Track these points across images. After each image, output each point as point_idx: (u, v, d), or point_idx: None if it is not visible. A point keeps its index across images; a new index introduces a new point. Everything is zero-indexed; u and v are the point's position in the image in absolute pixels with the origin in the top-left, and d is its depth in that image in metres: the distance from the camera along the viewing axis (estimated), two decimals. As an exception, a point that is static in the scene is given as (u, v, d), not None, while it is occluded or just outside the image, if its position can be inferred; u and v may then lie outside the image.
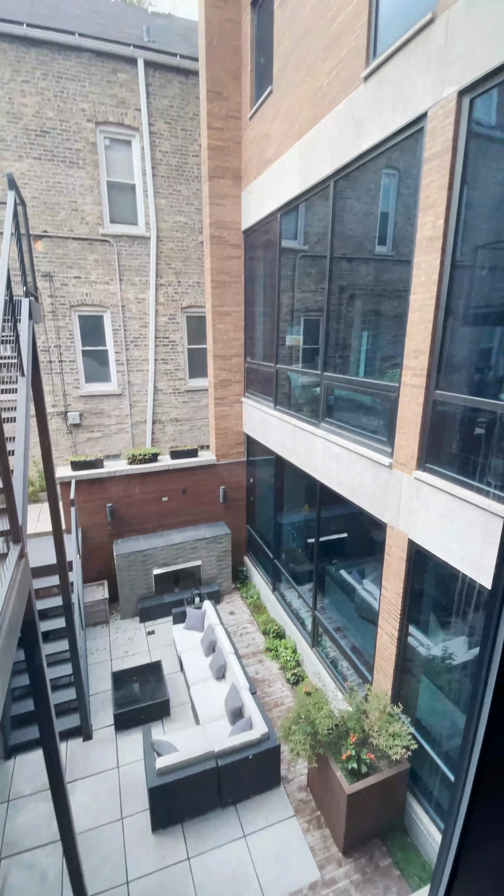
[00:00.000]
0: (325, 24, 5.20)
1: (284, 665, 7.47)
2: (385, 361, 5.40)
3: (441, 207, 3.79)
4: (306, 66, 5.71)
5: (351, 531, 7.02)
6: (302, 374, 7.26)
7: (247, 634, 8.38)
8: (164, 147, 10.04)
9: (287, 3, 6.05)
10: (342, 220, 5.58)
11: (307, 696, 5.36)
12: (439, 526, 4.10)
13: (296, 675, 7.24)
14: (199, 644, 7.33)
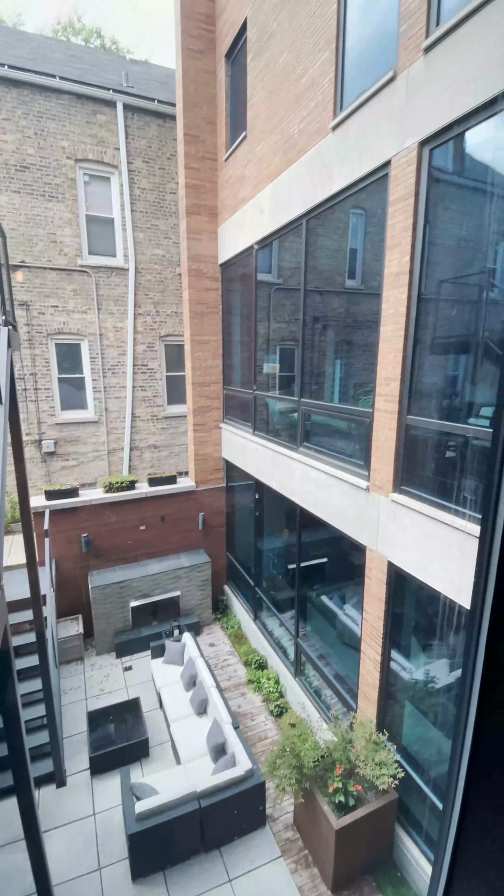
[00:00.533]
0: (295, 78, 5.61)
1: (267, 697, 7.28)
2: (359, 388, 5.60)
3: (406, 246, 4.06)
4: (278, 116, 6.11)
5: (331, 556, 7.06)
6: (280, 400, 7.41)
7: (228, 666, 8.16)
8: (143, 184, 10.38)
9: (259, 58, 6.51)
10: (314, 256, 5.87)
11: (291, 727, 5.23)
12: (417, 547, 4.19)
13: (279, 707, 7.06)
14: (179, 678, 7.09)
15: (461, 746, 0.77)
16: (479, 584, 0.72)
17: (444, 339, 4.25)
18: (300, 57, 5.45)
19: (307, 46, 5.29)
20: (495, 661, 0.70)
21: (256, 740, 6.46)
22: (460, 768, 0.77)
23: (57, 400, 10.66)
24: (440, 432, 4.07)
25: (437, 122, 3.63)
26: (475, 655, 0.73)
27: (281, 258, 7.01)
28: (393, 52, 4.01)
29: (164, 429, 11.89)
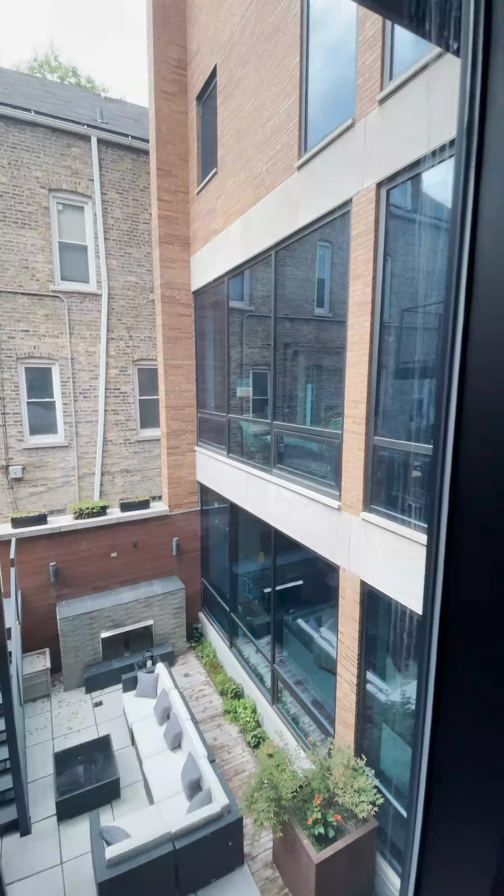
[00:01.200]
0: (262, 121, 5.96)
1: (244, 727, 7.07)
2: (329, 410, 5.77)
3: (368, 277, 4.30)
4: (247, 155, 6.43)
5: (306, 578, 7.06)
6: (253, 422, 7.51)
7: (203, 697, 7.91)
8: (116, 214, 10.60)
9: (228, 102, 6.89)
10: (284, 285, 6.10)
11: (269, 758, 5.09)
12: (387, 565, 4.26)
13: (256, 738, 6.86)
14: (153, 712, 6.81)
15: (419, 757, 0.80)
16: (428, 592, 0.77)
17: (405, 364, 4.47)
18: (266, 102, 5.81)
19: (273, 93, 5.66)
20: (446, 667, 0.74)
21: (233, 774, 6.23)
22: (420, 775, 0.80)
23: (26, 424, 10.43)
24: (405, 452, 4.23)
25: (393, 166, 3.92)
26: (428, 661, 0.77)
27: (252, 287, 7.25)
28: (351, 102, 4.34)
29: (136, 453, 11.77)
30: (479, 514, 0.66)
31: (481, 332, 0.63)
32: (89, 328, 10.69)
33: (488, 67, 0.62)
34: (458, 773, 0.73)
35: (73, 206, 10.32)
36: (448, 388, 0.69)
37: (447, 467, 0.70)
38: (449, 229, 0.67)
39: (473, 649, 0.68)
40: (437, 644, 0.76)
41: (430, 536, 0.76)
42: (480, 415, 0.65)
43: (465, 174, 0.64)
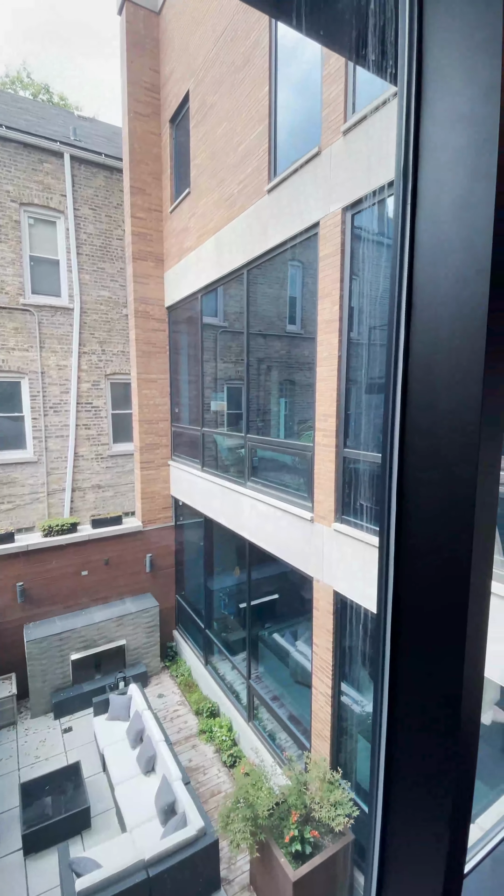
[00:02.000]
0: (233, 146, 6.16)
1: (220, 746, 6.93)
2: (301, 424, 5.89)
3: (336, 296, 4.47)
4: (219, 177, 6.62)
5: (281, 591, 7.08)
6: (227, 436, 7.56)
7: (178, 718, 7.72)
8: (89, 230, 10.62)
9: (201, 126, 7.10)
10: (256, 302, 6.25)
11: (245, 776, 5.02)
12: (359, 574, 4.35)
13: (232, 757, 6.74)
14: (125, 735, 6.60)
15: (378, 756, 0.83)
16: (382, 593, 0.81)
17: (372, 379, 4.65)
18: (238, 128, 6.02)
19: (244, 119, 5.88)
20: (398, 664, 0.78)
21: (209, 795, 6.08)
22: (378, 774, 0.84)
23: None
24: (373, 463, 4.37)
25: (357, 193, 4.14)
26: (382, 664, 0.81)
27: (225, 304, 7.38)
28: (318, 131, 4.57)
29: (109, 468, 11.59)
30: (424, 517, 0.72)
31: (418, 348, 0.71)
32: (60, 342, 10.57)
33: (420, 102, 0.71)
34: (407, 773, 0.78)
35: (45, 220, 10.29)
36: (392, 401, 0.76)
37: (394, 475, 0.77)
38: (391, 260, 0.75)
39: (419, 650, 0.73)
40: (391, 645, 0.80)
41: (382, 539, 0.82)
42: (418, 426, 0.72)
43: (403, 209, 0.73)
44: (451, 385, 0.66)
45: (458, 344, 0.64)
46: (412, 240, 0.72)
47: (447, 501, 0.68)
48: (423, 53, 0.69)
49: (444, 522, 0.68)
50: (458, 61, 0.63)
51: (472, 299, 0.62)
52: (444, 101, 0.66)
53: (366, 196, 4.07)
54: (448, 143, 0.65)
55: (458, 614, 0.66)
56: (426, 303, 0.69)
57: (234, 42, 5.98)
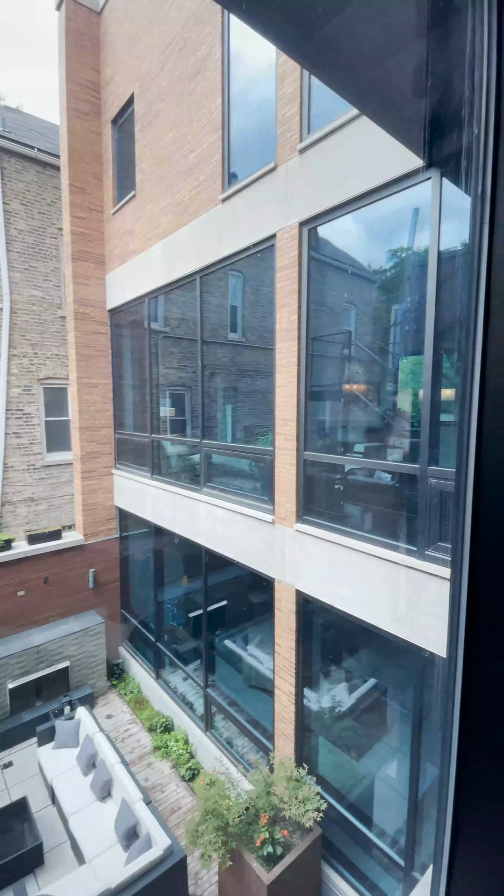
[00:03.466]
0: (184, 154, 6.19)
1: (177, 761, 6.75)
2: (258, 429, 6.01)
3: (294, 306, 4.66)
4: (167, 182, 6.60)
5: (239, 596, 7.10)
6: (181, 442, 7.47)
7: (130, 737, 7.40)
8: (20, 226, 9.97)
9: (147, 131, 7.04)
10: (210, 309, 6.29)
11: (211, 785, 4.95)
12: (322, 572, 4.52)
13: (191, 770, 6.59)
14: (76, 762, 6.19)
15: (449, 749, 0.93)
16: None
17: (329, 386, 4.89)
18: (188, 136, 6.06)
19: (195, 129, 5.93)
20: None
21: (169, 813, 5.89)
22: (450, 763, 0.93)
23: None
24: (332, 464, 4.59)
25: (313, 209, 4.36)
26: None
27: (177, 309, 7.32)
28: (274, 146, 4.75)
29: (42, 479, 10.85)
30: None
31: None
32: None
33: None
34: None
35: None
36: (469, 414, 0.87)
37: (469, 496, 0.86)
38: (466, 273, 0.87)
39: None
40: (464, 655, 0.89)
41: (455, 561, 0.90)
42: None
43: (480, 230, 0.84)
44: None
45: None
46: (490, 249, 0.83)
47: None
48: (501, 100, 0.81)
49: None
50: None
51: None
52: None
53: (322, 213, 4.31)
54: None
55: None
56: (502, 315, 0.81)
57: (183, 52, 6.03)
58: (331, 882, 4.76)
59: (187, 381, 7.45)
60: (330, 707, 5.29)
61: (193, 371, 6.90)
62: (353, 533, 4.24)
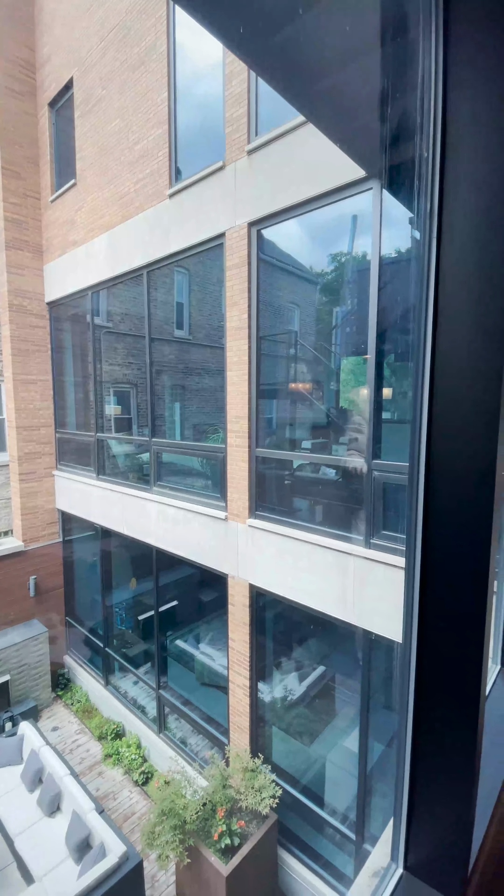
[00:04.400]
0: (128, 145, 6.04)
1: (130, 766, 6.61)
2: (206, 426, 6.03)
3: (244, 305, 4.73)
4: (111, 172, 6.40)
5: (191, 595, 7.07)
6: (129, 441, 7.29)
7: (79, 747, 7.13)
8: None
9: (89, 117, 6.78)
10: (157, 305, 6.20)
11: (166, 785, 4.92)
12: (274, 565, 4.64)
13: (144, 774, 6.49)
14: (20, 780, 5.87)
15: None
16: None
17: (279, 385, 5.02)
18: (134, 126, 5.92)
19: (141, 120, 5.81)
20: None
21: (123, 819, 5.76)
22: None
23: None
24: (283, 460, 4.73)
25: (262, 211, 4.45)
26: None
27: (122, 304, 7.12)
28: (222, 146, 4.78)
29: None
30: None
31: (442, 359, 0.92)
32: None
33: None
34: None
35: None
36: (420, 414, 0.97)
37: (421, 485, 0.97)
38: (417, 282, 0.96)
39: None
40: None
41: (409, 547, 1.01)
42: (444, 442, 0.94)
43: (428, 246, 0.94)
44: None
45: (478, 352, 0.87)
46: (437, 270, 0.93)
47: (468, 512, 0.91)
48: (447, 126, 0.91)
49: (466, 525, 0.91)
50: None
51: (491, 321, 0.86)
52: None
53: (271, 215, 4.41)
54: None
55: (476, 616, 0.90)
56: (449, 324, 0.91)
57: (126, 41, 5.88)
58: (287, 866, 4.92)
59: (133, 379, 7.29)
60: (282, 697, 5.44)
61: (139, 368, 6.79)
62: (304, 526, 4.40)
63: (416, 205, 0.99)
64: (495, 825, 1.30)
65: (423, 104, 0.95)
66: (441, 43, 0.92)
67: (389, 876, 1.14)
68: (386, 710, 4.81)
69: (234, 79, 4.53)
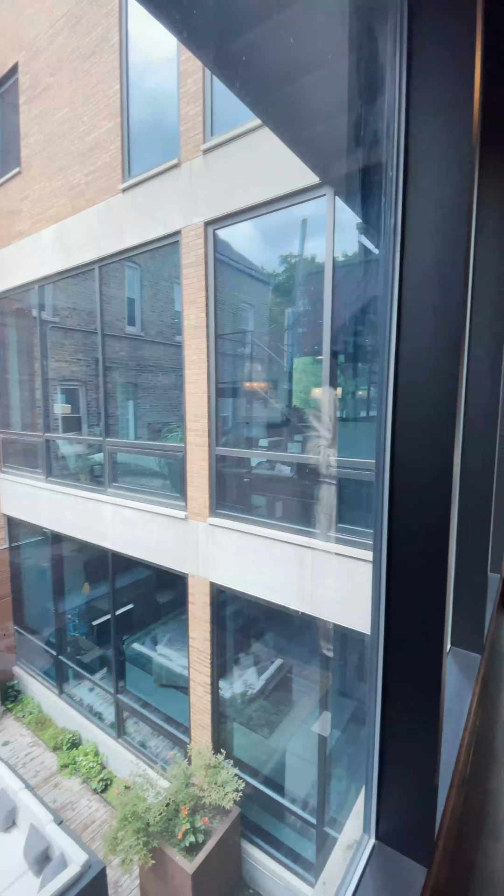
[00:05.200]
0: (78, 135, 5.84)
1: (88, 775, 6.43)
2: (160, 424, 5.99)
3: (201, 303, 4.74)
4: (60, 163, 6.17)
5: (143, 599, 6.98)
6: (81, 441, 7.06)
7: (32, 760, 6.83)
8: None
9: (35, 103, 6.48)
10: (110, 301, 6.05)
11: (126, 790, 4.85)
12: (235, 562, 4.71)
13: (104, 781, 6.33)
14: (-33, 800, 5.53)
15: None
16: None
17: (237, 383, 5.08)
18: (84, 117, 5.74)
19: (91, 110, 5.64)
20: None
21: (83, 828, 5.61)
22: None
23: None
24: (241, 458, 4.80)
25: (218, 211, 4.48)
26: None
27: (71, 299, 6.87)
28: (177, 144, 4.76)
29: None
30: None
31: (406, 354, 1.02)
32: None
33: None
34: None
35: None
36: (385, 409, 1.06)
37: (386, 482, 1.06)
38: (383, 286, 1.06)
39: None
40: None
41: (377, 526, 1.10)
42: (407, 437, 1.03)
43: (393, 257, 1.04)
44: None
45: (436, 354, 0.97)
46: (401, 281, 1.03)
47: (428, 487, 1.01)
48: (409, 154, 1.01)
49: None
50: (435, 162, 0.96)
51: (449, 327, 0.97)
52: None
53: (227, 215, 4.45)
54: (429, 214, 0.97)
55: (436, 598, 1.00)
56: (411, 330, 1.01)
57: (77, 30, 5.68)
58: (251, 857, 5.00)
59: (82, 376, 7.07)
60: (242, 692, 5.52)
61: (89, 365, 6.61)
62: (264, 522, 4.49)
63: (383, 220, 1.08)
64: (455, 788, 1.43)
65: (388, 128, 1.04)
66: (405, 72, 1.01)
67: (363, 847, 1.21)
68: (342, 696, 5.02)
69: (189, 77, 4.53)
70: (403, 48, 0.99)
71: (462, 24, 0.91)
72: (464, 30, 0.91)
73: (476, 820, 1.44)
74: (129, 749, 6.43)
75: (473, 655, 2.08)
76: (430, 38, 0.95)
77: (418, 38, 0.96)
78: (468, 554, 2.08)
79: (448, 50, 0.93)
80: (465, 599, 2.14)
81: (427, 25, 0.95)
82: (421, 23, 0.95)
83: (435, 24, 0.94)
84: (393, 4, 0.99)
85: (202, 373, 4.79)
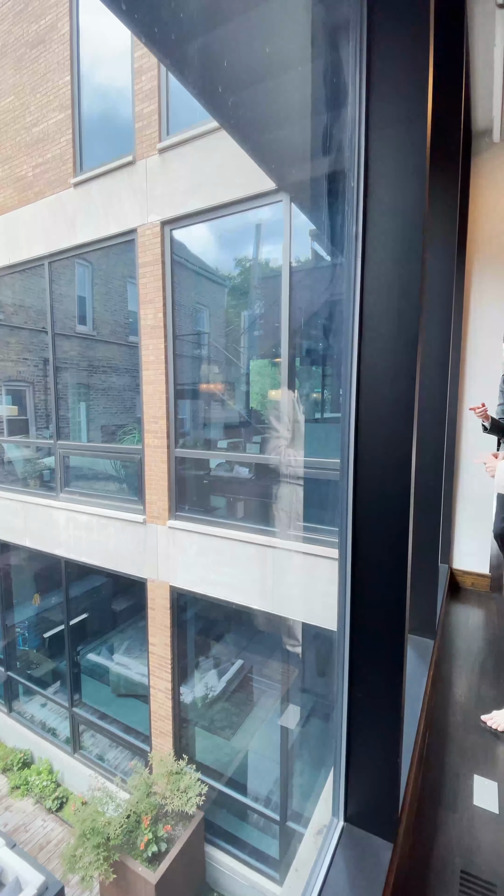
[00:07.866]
0: (27, 124, 5.60)
1: (41, 794, 6.12)
2: (114, 426, 5.85)
3: (159, 303, 4.69)
4: (5, 153, 5.88)
5: (98, 607, 6.77)
6: (27, 444, 6.73)
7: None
8: None
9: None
10: (62, 300, 5.84)
11: (84, 806, 4.68)
12: (196, 563, 4.68)
13: (59, 800, 6.05)
14: None
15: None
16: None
17: (194, 385, 5.06)
18: (32, 107, 5.51)
19: (39, 101, 5.42)
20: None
21: (39, 849, 5.33)
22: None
23: None
24: (201, 459, 4.79)
25: (175, 211, 4.46)
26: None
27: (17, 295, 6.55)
28: (132, 141, 4.68)
29: None
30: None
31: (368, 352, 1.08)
32: None
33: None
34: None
35: None
36: (349, 405, 1.11)
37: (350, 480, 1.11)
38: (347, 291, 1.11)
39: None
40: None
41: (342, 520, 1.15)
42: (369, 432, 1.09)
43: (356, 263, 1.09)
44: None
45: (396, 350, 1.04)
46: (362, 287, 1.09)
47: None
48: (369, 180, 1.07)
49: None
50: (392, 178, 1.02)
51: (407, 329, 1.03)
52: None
53: (184, 216, 4.43)
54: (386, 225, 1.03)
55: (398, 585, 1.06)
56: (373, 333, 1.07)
57: (22, 17, 5.45)
58: (214, 860, 4.97)
59: (29, 376, 6.76)
60: (203, 696, 5.49)
61: (36, 365, 6.35)
62: (224, 522, 4.50)
63: (346, 229, 1.13)
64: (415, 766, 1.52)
65: (350, 140, 1.10)
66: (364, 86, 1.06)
67: (332, 830, 1.25)
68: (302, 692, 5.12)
69: (144, 74, 4.47)
70: (363, 62, 1.05)
71: (416, 43, 0.98)
72: (418, 47, 0.97)
73: (434, 794, 1.53)
74: (86, 763, 6.20)
75: (427, 641, 2.20)
76: (387, 54, 1.01)
77: (376, 53, 1.02)
78: (422, 546, 2.20)
79: (403, 65, 1.00)
80: (419, 589, 2.27)
81: (384, 42, 1.01)
82: (379, 38, 1.01)
83: (392, 41, 1.00)
84: (354, 20, 1.04)
85: (160, 374, 4.74)
